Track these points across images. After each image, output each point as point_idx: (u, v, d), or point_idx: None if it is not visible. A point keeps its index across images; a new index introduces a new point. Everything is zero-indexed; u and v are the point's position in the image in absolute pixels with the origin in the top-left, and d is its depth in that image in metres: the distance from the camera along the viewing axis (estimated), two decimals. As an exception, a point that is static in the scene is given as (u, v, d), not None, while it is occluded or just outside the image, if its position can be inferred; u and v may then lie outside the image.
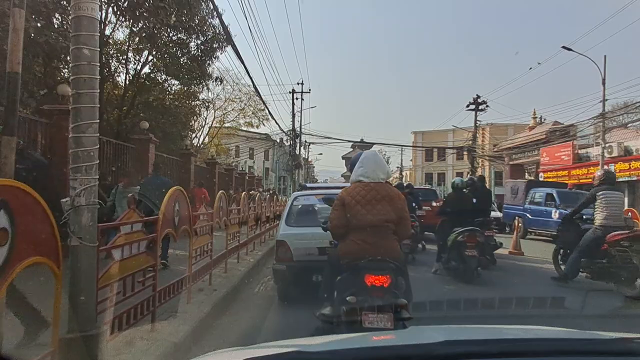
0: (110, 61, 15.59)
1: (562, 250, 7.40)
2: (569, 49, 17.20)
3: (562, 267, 7.18)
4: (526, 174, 32.51)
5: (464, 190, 8.44)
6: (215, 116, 32.27)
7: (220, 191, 7.54)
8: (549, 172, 24.07)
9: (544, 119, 39.81)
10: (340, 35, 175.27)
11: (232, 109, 32.74)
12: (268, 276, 7.86)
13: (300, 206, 6.60)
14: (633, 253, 6.09)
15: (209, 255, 5.83)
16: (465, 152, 48.56)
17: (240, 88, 31.08)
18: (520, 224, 15.48)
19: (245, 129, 35.22)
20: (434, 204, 11.75)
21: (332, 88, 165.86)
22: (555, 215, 14.07)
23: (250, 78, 16.92)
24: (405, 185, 12.03)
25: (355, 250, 3.41)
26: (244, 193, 9.80)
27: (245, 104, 32.30)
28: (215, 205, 6.47)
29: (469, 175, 35.61)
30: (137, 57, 15.59)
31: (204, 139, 32.10)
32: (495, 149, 32.23)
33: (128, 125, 13.28)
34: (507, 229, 19.97)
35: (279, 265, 5.62)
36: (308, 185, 9.21)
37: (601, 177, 6.79)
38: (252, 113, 32.83)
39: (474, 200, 8.23)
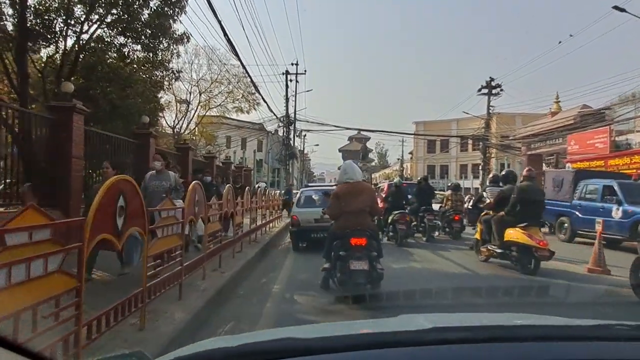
0: (55, 21, 12.32)
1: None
2: (622, 10, 14.08)
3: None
4: (544, 164, 29.53)
5: (401, 186, 12.60)
6: (201, 100, 29.07)
7: (195, 182, 5.59)
8: (579, 163, 20.97)
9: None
10: (339, 20, 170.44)
11: (219, 92, 29.50)
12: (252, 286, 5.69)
13: (304, 196, 10.71)
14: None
15: (177, 261, 4.58)
16: (471, 142, 45.79)
17: (228, 69, 27.83)
18: (569, 226, 12.54)
19: (235, 115, 31.95)
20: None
21: (329, 75, 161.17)
22: (617, 214, 11.03)
23: (232, 47, 13.66)
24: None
25: (345, 225, 5.39)
26: (227, 186, 7.00)
27: (234, 87, 29.06)
28: (188, 198, 4.99)
29: (480, 167, 32.84)
30: (89, 15, 12.35)
31: (188, 124, 28.88)
32: (512, 137, 29.06)
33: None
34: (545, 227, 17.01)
35: (293, 228, 9.89)
36: (310, 184, 15.67)
37: (490, 179, 11.40)
38: (242, 96, 29.59)
39: (409, 195, 12.63)
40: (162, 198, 5.05)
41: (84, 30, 11.92)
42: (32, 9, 11.12)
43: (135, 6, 11.61)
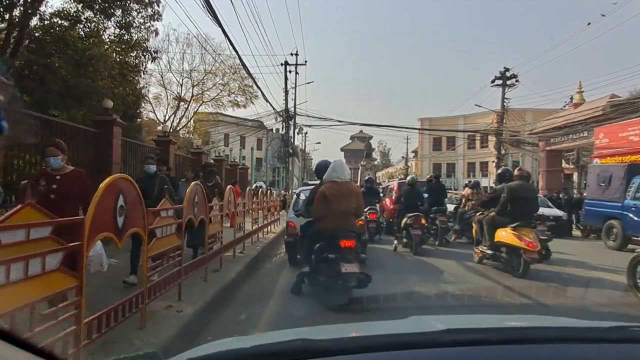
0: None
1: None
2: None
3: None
4: (563, 161, 27.43)
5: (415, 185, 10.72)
6: (193, 94, 27.07)
7: (115, 175, 3.27)
8: (609, 158, 18.90)
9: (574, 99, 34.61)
10: (342, 10, 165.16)
11: (214, 85, 27.49)
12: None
13: (302, 197, 8.50)
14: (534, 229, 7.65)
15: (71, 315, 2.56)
16: (479, 139, 43.64)
17: (223, 60, 25.84)
18: (619, 231, 10.52)
19: (230, 110, 29.92)
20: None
21: (330, 73, 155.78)
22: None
23: (224, 32, 11.65)
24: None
25: (332, 225, 5.12)
26: (193, 183, 4.90)
27: (230, 78, 27.03)
28: (95, 202, 2.73)
29: (494, 162, 30.75)
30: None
31: (180, 120, 26.90)
32: (528, 132, 26.93)
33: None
34: (574, 229, 15.00)
35: (289, 238, 7.99)
36: (310, 182, 12.59)
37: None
38: (239, 88, 27.56)
39: (425, 195, 10.90)
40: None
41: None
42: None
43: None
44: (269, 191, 13.49)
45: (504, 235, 7.09)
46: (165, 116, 26.82)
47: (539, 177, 26.89)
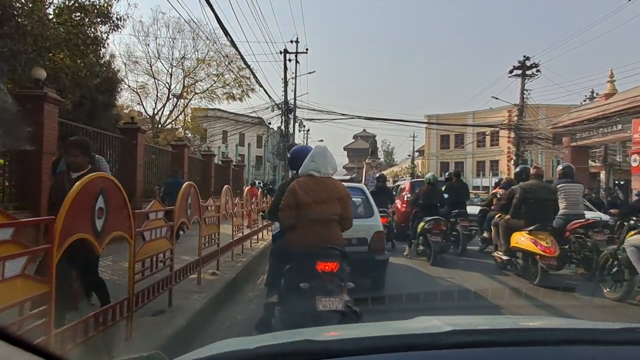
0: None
1: None
2: None
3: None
4: (590, 160, 25.09)
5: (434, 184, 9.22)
6: (185, 84, 24.89)
7: None
8: (651, 154, 16.61)
9: (596, 94, 32.31)
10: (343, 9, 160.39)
11: (207, 75, 25.29)
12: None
13: None
14: (588, 239, 6.72)
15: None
16: (489, 135, 41.42)
17: (218, 48, 23.62)
18: None
19: (226, 102, 27.73)
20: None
21: (333, 66, 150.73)
22: None
23: (212, 9, 9.47)
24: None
25: (306, 240, 3.56)
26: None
27: (225, 69, 24.81)
28: None
29: (512, 160, 28.52)
30: None
31: (170, 113, 24.74)
32: (552, 126, 24.56)
33: None
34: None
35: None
36: None
37: (560, 172, 7.49)
38: (234, 80, 25.35)
39: (445, 195, 9.43)
40: None
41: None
42: None
43: None
44: (260, 191, 11.26)
45: (519, 239, 6.72)
46: (154, 109, 24.70)
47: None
